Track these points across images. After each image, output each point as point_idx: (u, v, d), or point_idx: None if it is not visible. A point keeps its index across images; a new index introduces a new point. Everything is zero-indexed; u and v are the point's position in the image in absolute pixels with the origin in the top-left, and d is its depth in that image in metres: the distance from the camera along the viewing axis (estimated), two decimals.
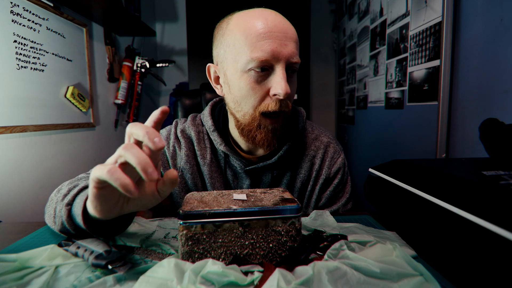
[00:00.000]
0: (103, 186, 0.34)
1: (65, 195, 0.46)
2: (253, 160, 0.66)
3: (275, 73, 0.55)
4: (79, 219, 0.41)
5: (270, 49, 0.53)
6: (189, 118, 0.71)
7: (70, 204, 0.43)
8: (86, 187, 0.46)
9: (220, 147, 0.63)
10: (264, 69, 0.54)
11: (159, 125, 0.37)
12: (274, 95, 0.55)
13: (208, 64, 0.64)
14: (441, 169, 0.43)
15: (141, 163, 0.31)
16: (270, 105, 0.56)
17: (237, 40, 0.55)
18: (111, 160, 0.34)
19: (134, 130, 0.34)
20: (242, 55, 0.54)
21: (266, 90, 0.56)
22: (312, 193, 0.68)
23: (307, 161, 0.67)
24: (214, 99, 0.73)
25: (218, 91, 0.64)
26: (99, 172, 0.32)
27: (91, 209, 0.37)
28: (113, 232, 0.44)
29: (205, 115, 0.68)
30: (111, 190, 0.35)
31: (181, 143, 0.66)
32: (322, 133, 0.72)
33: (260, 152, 0.66)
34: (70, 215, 0.43)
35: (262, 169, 0.65)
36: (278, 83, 0.54)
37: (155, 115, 0.36)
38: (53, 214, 0.46)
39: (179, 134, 0.68)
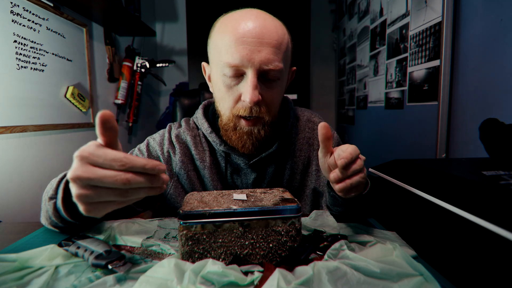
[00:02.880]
0: (91, 201, 0.32)
1: (47, 191, 0.49)
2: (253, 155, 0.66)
3: (245, 80, 0.55)
4: (63, 213, 0.43)
5: (240, 55, 0.53)
6: (183, 123, 0.71)
7: (53, 197, 0.45)
8: (63, 176, 0.48)
9: (221, 147, 0.63)
10: (236, 75, 0.55)
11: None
12: (244, 101, 0.55)
13: (202, 63, 0.67)
14: (441, 169, 0.43)
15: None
16: (241, 110, 0.56)
17: (218, 42, 0.56)
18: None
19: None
20: (220, 58, 0.56)
21: (238, 95, 0.56)
22: (317, 171, 0.69)
23: (305, 143, 0.69)
24: (204, 102, 0.73)
25: (210, 89, 0.66)
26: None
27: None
28: (100, 220, 0.47)
29: (199, 118, 0.68)
30: (102, 204, 0.33)
31: (176, 149, 0.66)
32: (311, 114, 0.75)
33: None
34: (55, 208, 0.45)
35: (266, 159, 0.65)
36: (246, 91, 0.54)
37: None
38: (45, 209, 0.49)
39: (173, 139, 0.67)
